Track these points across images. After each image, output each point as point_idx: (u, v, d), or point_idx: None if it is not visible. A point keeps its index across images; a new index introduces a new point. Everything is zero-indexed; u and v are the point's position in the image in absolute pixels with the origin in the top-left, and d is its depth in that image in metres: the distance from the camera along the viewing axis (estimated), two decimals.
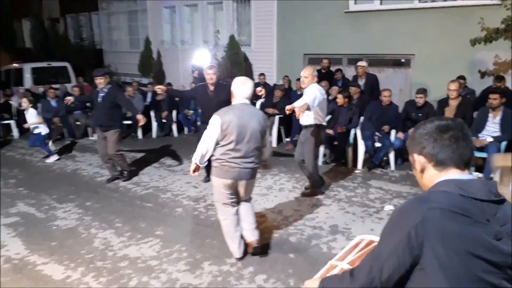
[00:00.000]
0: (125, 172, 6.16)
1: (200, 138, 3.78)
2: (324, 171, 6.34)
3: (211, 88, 5.41)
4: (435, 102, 6.51)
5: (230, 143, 3.41)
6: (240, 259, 3.72)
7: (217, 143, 3.47)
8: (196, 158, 3.51)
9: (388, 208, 4.89)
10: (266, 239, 4.14)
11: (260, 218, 4.65)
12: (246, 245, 3.81)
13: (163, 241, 4.20)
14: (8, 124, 9.64)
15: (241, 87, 3.54)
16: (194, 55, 7.47)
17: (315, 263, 3.69)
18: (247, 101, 3.58)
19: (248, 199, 3.85)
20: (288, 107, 4.28)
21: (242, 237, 3.76)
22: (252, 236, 3.75)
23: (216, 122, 3.41)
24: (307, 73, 4.81)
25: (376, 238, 1.79)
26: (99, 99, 5.75)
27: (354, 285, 1.33)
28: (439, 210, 1.20)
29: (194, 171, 3.60)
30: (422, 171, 1.38)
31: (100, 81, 5.66)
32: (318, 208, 4.95)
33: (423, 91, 6.19)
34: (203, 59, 6.94)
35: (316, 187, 5.34)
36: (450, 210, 1.20)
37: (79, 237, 4.35)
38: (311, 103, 4.43)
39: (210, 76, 5.36)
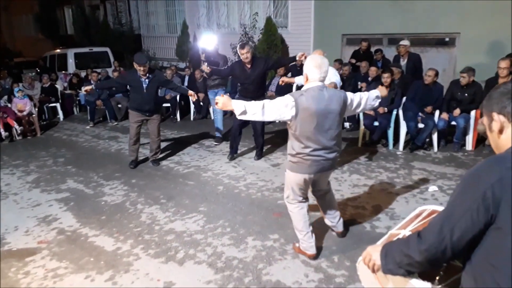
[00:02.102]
0: (155, 156, 6.19)
1: (234, 117, 3.58)
2: (364, 152, 6.25)
3: (248, 65, 5.55)
4: (483, 82, 6.22)
5: (310, 134, 3.02)
6: (315, 258, 3.42)
7: (291, 134, 3.12)
8: (240, 110, 2.99)
9: (433, 189, 4.77)
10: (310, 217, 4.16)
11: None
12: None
13: (206, 216, 4.30)
14: (54, 107, 10.07)
15: (316, 70, 3.03)
16: (203, 38, 7.53)
17: (358, 241, 3.68)
18: (322, 84, 3.08)
19: (331, 194, 3.62)
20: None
21: (313, 231, 3.44)
22: (340, 228, 3.70)
23: (289, 99, 2.98)
24: None
25: (439, 208, 1.75)
26: (144, 85, 5.73)
27: (422, 247, 1.32)
28: None
29: (224, 105, 3.03)
30: (501, 131, 1.34)
31: (144, 69, 5.62)
32: (359, 189, 4.90)
33: (467, 70, 5.92)
34: (209, 41, 7.00)
35: None
36: None
37: (127, 212, 4.53)
38: (338, 84, 4.95)
39: (245, 56, 5.46)
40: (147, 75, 5.71)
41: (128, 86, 6.14)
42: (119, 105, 9.45)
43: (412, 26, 8.55)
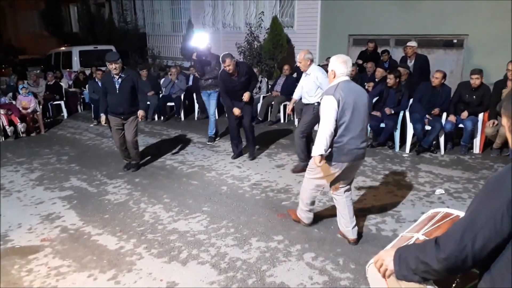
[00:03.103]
0: (135, 162, 5.84)
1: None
2: (370, 154, 6.20)
3: (234, 74, 5.66)
4: (491, 85, 6.15)
5: (345, 122, 3.21)
6: (309, 225, 3.90)
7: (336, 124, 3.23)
8: (320, 148, 3.18)
9: (439, 192, 4.71)
10: (314, 219, 4.12)
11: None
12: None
13: (210, 217, 4.26)
14: (58, 105, 10.07)
15: (342, 66, 3.30)
16: (194, 37, 7.49)
17: (364, 243, 3.63)
18: (349, 78, 3.36)
19: (349, 197, 3.66)
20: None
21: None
22: (352, 234, 3.60)
23: (331, 101, 3.16)
24: (300, 58, 5.18)
25: (453, 211, 1.69)
26: (117, 85, 5.37)
27: (441, 255, 1.26)
28: None
29: (320, 161, 3.24)
30: None
31: (116, 66, 5.24)
32: (365, 191, 4.85)
33: (479, 71, 5.85)
34: (201, 40, 6.90)
35: (300, 159, 5.51)
36: None
37: (130, 211, 4.50)
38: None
39: (228, 68, 5.55)
40: (120, 74, 5.35)
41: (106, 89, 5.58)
42: None
43: (420, 27, 8.48)
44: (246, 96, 5.74)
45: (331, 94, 3.19)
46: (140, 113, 5.51)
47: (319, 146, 3.19)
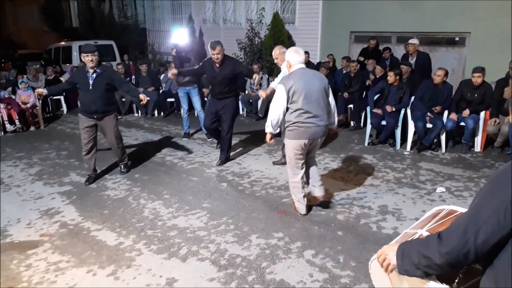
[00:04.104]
0: (123, 164, 5.47)
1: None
2: (371, 152, 6.18)
3: (217, 65, 5.37)
4: (493, 83, 6.12)
5: (301, 105, 3.67)
6: (305, 215, 4.12)
7: (286, 109, 3.74)
8: (268, 127, 3.84)
9: (440, 190, 4.69)
10: (314, 216, 4.11)
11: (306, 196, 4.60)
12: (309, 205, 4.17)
13: (210, 213, 4.24)
14: (58, 100, 10.02)
15: (295, 55, 3.80)
16: (174, 34, 7.47)
17: (364, 241, 3.62)
18: (304, 65, 3.82)
19: (314, 161, 4.20)
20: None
21: (305, 196, 4.11)
22: (319, 192, 4.16)
23: (281, 90, 3.69)
24: (275, 55, 5.38)
25: (457, 208, 1.68)
26: (90, 81, 4.84)
27: (443, 249, 1.24)
28: None
29: (270, 139, 3.95)
30: None
31: (92, 59, 4.75)
32: (365, 188, 4.83)
33: (481, 70, 5.82)
34: (181, 37, 6.85)
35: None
36: None
37: (129, 207, 4.48)
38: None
39: (216, 56, 5.28)
40: (95, 69, 4.83)
41: (77, 85, 5.08)
42: (123, 99, 9.39)
43: (422, 24, 8.44)
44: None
45: (281, 83, 3.73)
46: (141, 96, 4.99)
47: (268, 126, 3.84)
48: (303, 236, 3.72)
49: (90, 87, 4.85)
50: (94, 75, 4.85)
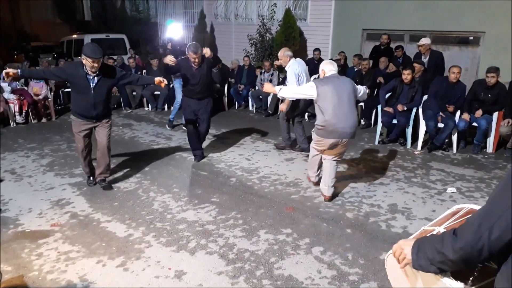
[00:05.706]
0: (105, 176, 4.88)
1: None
2: (381, 150, 6.14)
3: (195, 66, 5.23)
4: (507, 83, 6.04)
5: (328, 107, 3.96)
6: (316, 183, 4.61)
7: (310, 102, 4.27)
8: (281, 93, 4.29)
9: (451, 190, 4.65)
10: (323, 213, 4.10)
11: (316, 193, 4.59)
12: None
13: (219, 207, 4.26)
14: (69, 92, 10.07)
15: (329, 65, 4.22)
16: (169, 28, 7.56)
17: (373, 239, 3.60)
18: (336, 73, 4.19)
19: (336, 164, 4.37)
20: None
21: (320, 173, 4.52)
22: (328, 192, 4.35)
23: (312, 86, 4.04)
24: (280, 55, 5.67)
25: (477, 207, 1.66)
26: (92, 84, 4.40)
27: (457, 245, 1.23)
28: None
29: (269, 89, 4.39)
30: None
31: (95, 65, 4.30)
32: (375, 187, 4.80)
33: (495, 69, 5.75)
34: (175, 31, 6.91)
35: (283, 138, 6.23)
36: None
37: (139, 199, 4.51)
38: (296, 84, 5.36)
39: (193, 60, 5.14)
40: (97, 73, 4.40)
41: (68, 82, 4.47)
42: (134, 93, 9.44)
43: (435, 23, 8.34)
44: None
45: (316, 83, 4.08)
46: (156, 80, 4.68)
47: (282, 91, 4.29)
48: (312, 233, 3.72)
49: (92, 91, 4.41)
50: (96, 79, 4.42)
